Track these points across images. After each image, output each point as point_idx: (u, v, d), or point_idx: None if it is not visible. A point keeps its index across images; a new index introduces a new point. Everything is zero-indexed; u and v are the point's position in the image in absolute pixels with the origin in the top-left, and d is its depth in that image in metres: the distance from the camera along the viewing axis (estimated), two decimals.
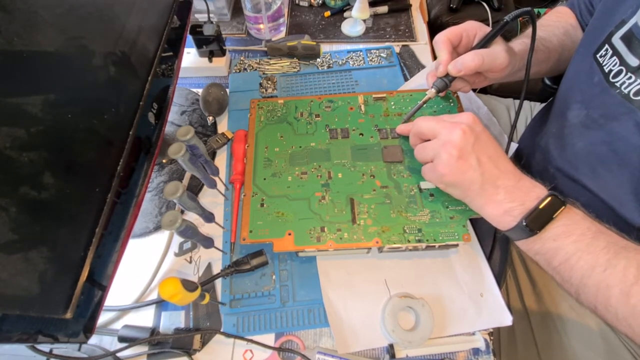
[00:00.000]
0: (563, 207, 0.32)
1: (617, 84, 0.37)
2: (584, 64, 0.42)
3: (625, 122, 0.37)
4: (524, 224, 0.32)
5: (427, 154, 0.37)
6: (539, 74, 0.52)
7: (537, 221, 0.32)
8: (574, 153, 0.43)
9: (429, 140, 0.38)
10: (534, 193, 0.33)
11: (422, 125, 0.38)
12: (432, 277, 0.42)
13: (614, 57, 0.37)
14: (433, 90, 0.43)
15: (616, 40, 0.37)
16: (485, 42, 0.41)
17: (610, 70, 0.38)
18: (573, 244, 0.32)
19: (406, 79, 0.58)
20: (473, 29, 0.42)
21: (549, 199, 0.32)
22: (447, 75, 0.42)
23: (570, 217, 0.32)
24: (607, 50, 0.38)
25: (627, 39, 0.36)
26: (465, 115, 0.36)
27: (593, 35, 0.41)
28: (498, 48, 0.41)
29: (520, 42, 0.45)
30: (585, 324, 0.45)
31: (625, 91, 0.36)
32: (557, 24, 0.50)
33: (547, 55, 0.48)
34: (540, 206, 0.32)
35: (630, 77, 0.36)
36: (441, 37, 0.42)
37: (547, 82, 0.66)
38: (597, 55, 0.39)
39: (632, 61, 0.35)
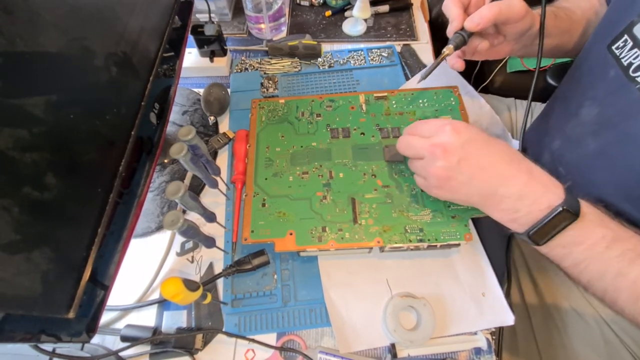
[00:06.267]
0: (574, 220, 0.30)
1: (639, 79, 0.33)
2: (597, 57, 0.39)
3: None
4: (529, 234, 0.32)
5: (419, 172, 0.37)
6: (563, 48, 0.47)
7: (542, 234, 0.31)
8: (586, 154, 0.41)
9: None
10: (546, 200, 0.31)
11: (403, 147, 0.38)
12: (433, 277, 0.42)
13: (635, 49, 0.33)
14: (451, 46, 0.40)
15: (638, 30, 0.33)
16: None
17: (631, 64, 0.34)
18: (583, 252, 0.31)
19: (407, 78, 0.57)
20: None
21: (559, 212, 0.30)
22: (462, 29, 0.40)
23: (582, 227, 0.31)
24: (626, 41, 0.34)
25: None
26: (443, 131, 0.34)
27: (608, 26, 0.38)
28: None
29: (539, 9, 0.42)
30: (586, 325, 0.45)
31: None
32: None
33: (570, 25, 0.45)
34: (548, 219, 0.30)
35: None
36: None
37: (550, 81, 0.66)
38: (613, 47, 0.36)
39: None
